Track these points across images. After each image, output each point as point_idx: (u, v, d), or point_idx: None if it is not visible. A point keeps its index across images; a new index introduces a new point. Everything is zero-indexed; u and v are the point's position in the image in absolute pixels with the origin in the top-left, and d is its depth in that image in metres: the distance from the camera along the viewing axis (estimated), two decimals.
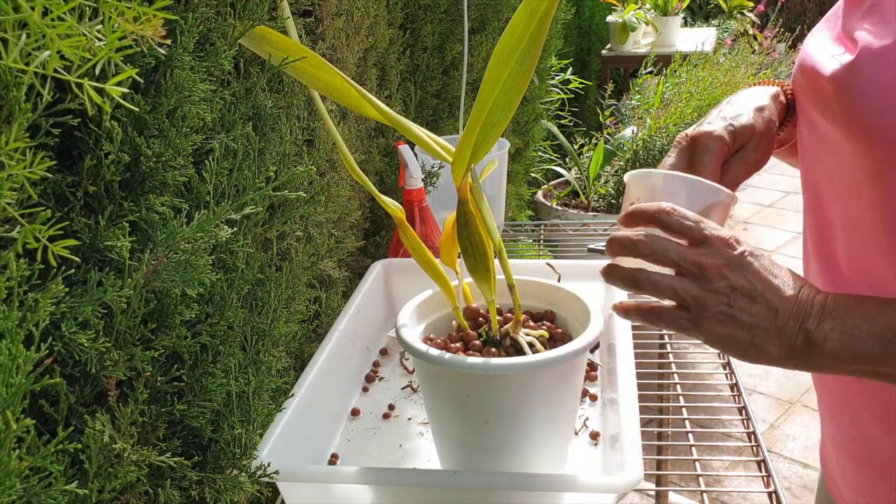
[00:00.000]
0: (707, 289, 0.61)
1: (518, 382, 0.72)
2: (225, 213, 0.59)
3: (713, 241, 0.62)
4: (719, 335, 0.61)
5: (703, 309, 0.61)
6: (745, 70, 2.67)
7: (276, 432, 0.77)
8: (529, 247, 1.83)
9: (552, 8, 0.59)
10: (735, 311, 0.61)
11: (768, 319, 0.60)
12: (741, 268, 0.61)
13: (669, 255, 0.62)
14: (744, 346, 0.61)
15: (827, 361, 0.60)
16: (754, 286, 0.61)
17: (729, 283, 0.61)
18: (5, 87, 0.40)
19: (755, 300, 0.61)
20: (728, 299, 0.61)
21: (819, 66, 0.66)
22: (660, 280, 0.63)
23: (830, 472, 0.81)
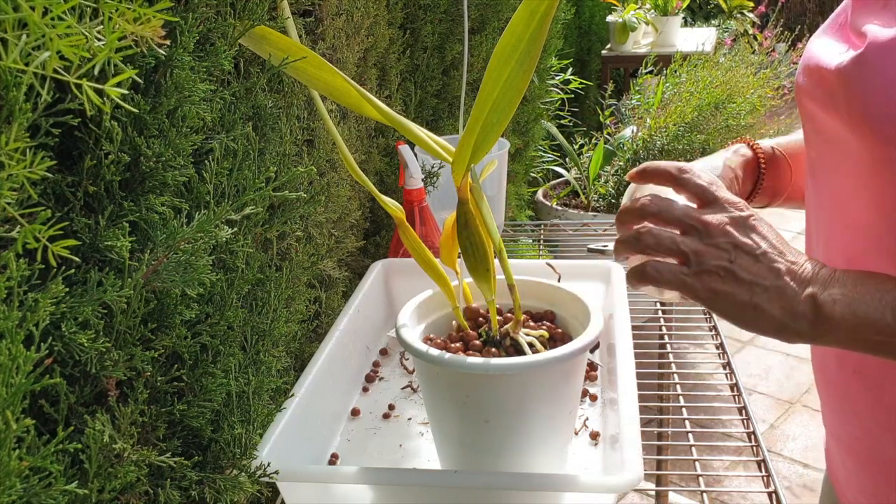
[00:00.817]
0: (709, 243, 0.60)
1: (518, 382, 0.72)
2: (225, 214, 0.59)
3: (722, 202, 0.62)
4: (718, 292, 0.60)
5: (703, 263, 0.60)
6: (745, 70, 2.67)
7: (276, 432, 0.77)
8: (529, 247, 1.83)
9: (552, 8, 0.59)
10: (735, 266, 0.60)
11: (769, 278, 0.59)
12: (746, 227, 0.61)
13: (675, 213, 0.62)
14: (742, 305, 0.60)
15: (832, 328, 0.58)
16: (758, 245, 0.60)
17: (731, 240, 0.60)
18: (5, 87, 0.40)
19: (757, 259, 0.60)
20: (729, 255, 0.60)
21: (824, 63, 0.66)
22: (661, 232, 0.62)
23: (834, 472, 0.81)
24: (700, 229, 0.61)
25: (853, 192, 0.66)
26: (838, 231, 0.69)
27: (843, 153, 0.66)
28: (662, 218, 0.63)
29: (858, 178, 0.64)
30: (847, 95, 0.62)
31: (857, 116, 0.62)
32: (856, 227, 0.66)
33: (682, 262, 0.62)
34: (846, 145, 0.65)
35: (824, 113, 0.67)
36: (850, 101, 0.62)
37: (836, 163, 0.68)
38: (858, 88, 0.61)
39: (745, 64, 2.72)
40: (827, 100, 0.66)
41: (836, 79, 0.64)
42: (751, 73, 2.66)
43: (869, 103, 0.60)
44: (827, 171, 0.70)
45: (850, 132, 0.63)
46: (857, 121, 0.62)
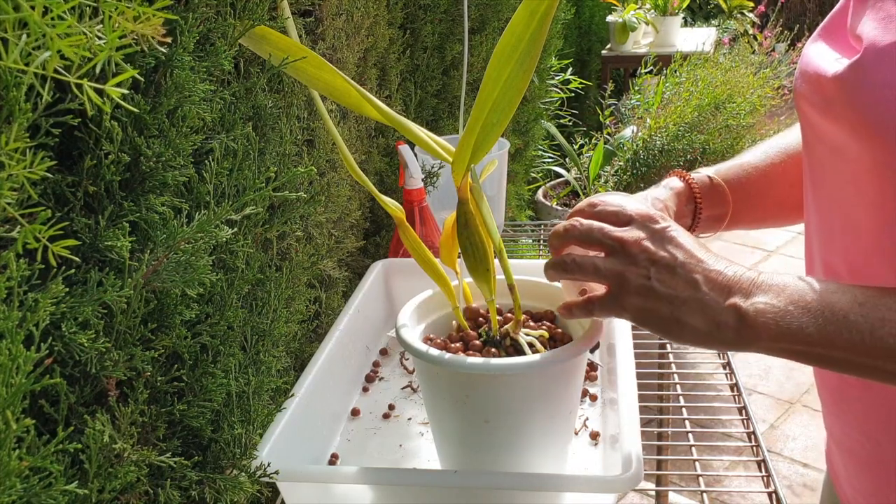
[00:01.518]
0: (627, 263, 0.61)
1: (518, 382, 0.72)
2: (225, 214, 0.60)
3: (636, 219, 0.62)
4: (641, 309, 0.60)
5: (625, 283, 0.61)
6: (745, 70, 2.67)
7: (276, 432, 0.77)
8: (529, 247, 1.83)
9: (552, 8, 0.59)
10: (654, 282, 0.59)
11: (688, 290, 0.59)
12: (663, 240, 0.61)
13: (594, 235, 0.63)
14: (666, 320, 0.60)
15: (758, 337, 0.57)
16: (675, 257, 0.60)
17: (648, 256, 0.60)
18: (5, 87, 0.40)
19: (675, 271, 0.59)
20: (647, 271, 0.60)
21: (821, 69, 0.66)
22: (583, 260, 0.64)
23: (835, 473, 0.81)
24: (617, 248, 0.62)
25: (854, 197, 0.65)
26: (839, 235, 0.69)
27: (844, 158, 0.65)
28: (584, 242, 0.64)
29: (859, 183, 0.64)
30: (846, 102, 0.62)
31: (856, 123, 0.61)
32: (857, 231, 0.66)
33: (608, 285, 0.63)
34: (846, 151, 0.64)
35: (823, 119, 0.67)
36: (849, 107, 0.62)
37: (836, 168, 0.67)
38: (857, 95, 0.61)
39: (745, 64, 2.72)
40: (825, 106, 0.66)
41: (834, 86, 0.63)
42: (751, 72, 2.66)
43: (868, 109, 0.60)
44: (827, 176, 0.70)
45: (849, 138, 0.63)
46: (856, 127, 0.61)
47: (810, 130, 0.71)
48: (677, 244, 0.61)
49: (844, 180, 0.67)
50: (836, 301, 0.56)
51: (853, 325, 0.55)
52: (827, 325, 0.56)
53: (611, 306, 0.63)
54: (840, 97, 0.63)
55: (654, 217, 0.62)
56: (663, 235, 0.61)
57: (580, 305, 0.67)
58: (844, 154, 0.65)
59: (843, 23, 0.68)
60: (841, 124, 0.64)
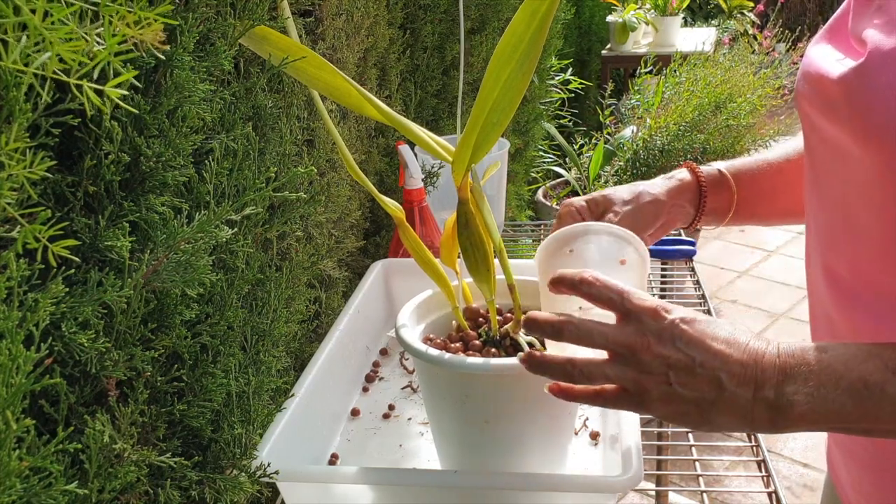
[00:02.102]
0: (642, 370, 0.57)
1: (518, 382, 0.72)
2: (225, 214, 0.60)
3: (639, 314, 0.58)
4: (670, 414, 0.58)
5: (645, 392, 0.57)
6: (744, 70, 2.67)
7: (276, 432, 0.77)
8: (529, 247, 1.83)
9: (553, 8, 0.59)
10: (676, 387, 0.56)
11: (713, 391, 0.56)
12: (673, 339, 0.56)
13: (596, 340, 0.58)
14: (697, 422, 0.57)
15: (797, 425, 0.56)
16: (691, 357, 0.56)
17: (663, 360, 0.56)
18: (5, 87, 0.40)
19: (694, 372, 0.56)
20: (666, 377, 0.56)
21: (824, 71, 0.66)
22: (593, 370, 0.59)
23: (836, 474, 0.81)
24: (626, 355, 0.58)
25: (857, 200, 0.65)
26: (841, 238, 0.69)
27: (846, 161, 0.65)
28: (584, 345, 0.60)
29: (864, 186, 0.64)
30: (850, 105, 0.61)
31: (860, 126, 0.61)
32: (860, 235, 0.66)
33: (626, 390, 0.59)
34: (850, 154, 0.64)
35: (826, 121, 0.67)
36: (853, 111, 0.61)
37: (839, 171, 0.67)
38: (861, 98, 0.60)
39: (744, 64, 2.72)
40: (829, 109, 0.66)
41: (837, 88, 0.63)
42: (751, 72, 2.66)
43: (872, 113, 0.59)
44: (830, 179, 0.69)
45: (853, 141, 0.63)
46: (860, 131, 0.61)
47: (812, 132, 0.71)
48: (688, 340, 0.56)
49: (846, 183, 0.66)
50: (868, 373, 0.54)
51: (892, 397, 0.53)
52: (864, 401, 0.53)
53: (634, 408, 0.59)
54: (843, 100, 0.62)
55: (657, 312, 0.58)
56: (672, 333, 0.57)
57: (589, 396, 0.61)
58: (847, 157, 0.65)
59: (845, 24, 0.67)
60: (844, 127, 0.63)
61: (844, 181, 0.67)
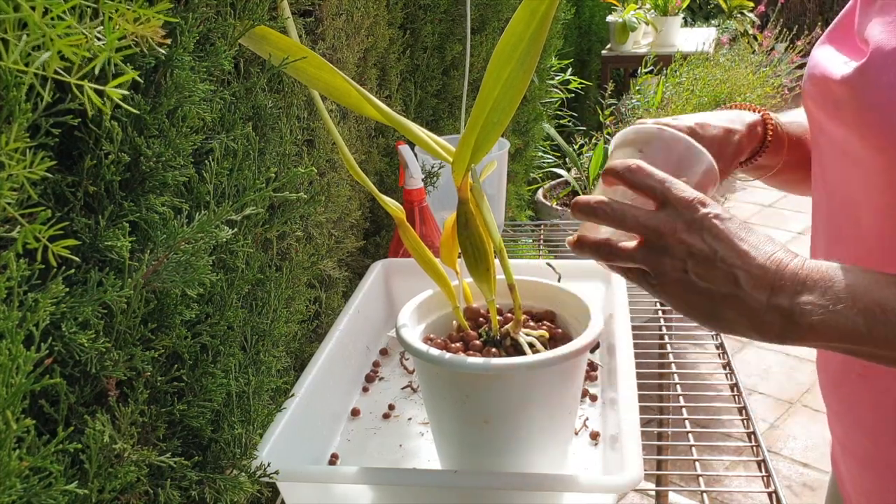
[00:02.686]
0: (664, 254, 0.58)
1: (518, 382, 0.72)
2: (225, 214, 0.59)
3: (675, 203, 0.59)
4: (680, 301, 0.59)
5: (663, 275, 0.58)
6: (744, 69, 2.67)
7: (276, 432, 0.77)
8: (529, 247, 1.83)
9: (552, 8, 0.59)
10: (692, 275, 0.57)
11: (727, 286, 0.56)
12: (701, 230, 0.58)
13: (627, 221, 0.60)
14: (705, 314, 0.58)
15: (804, 337, 0.56)
16: (714, 249, 0.57)
17: (686, 248, 0.58)
18: (5, 87, 0.40)
19: (714, 264, 0.57)
20: (684, 264, 0.57)
21: (829, 73, 0.66)
22: (620, 250, 0.61)
23: (840, 474, 0.81)
24: (652, 238, 0.59)
25: (864, 199, 0.65)
26: (847, 237, 0.69)
27: (853, 161, 0.65)
28: (617, 226, 0.61)
29: (870, 186, 0.64)
30: (853, 105, 0.61)
31: (864, 126, 0.61)
32: (867, 235, 0.66)
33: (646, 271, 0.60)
34: (855, 154, 0.64)
35: (833, 123, 0.67)
36: (856, 110, 0.61)
37: (846, 171, 0.67)
38: (864, 97, 0.60)
39: (744, 63, 2.72)
40: (834, 110, 0.65)
41: (841, 89, 0.63)
42: (751, 72, 2.67)
43: (875, 112, 0.59)
44: (837, 178, 0.69)
45: (857, 141, 0.63)
46: (864, 130, 0.61)
47: (820, 133, 0.71)
48: (716, 234, 0.57)
49: (855, 183, 0.66)
50: (886, 299, 0.54)
51: None
52: (878, 325, 0.54)
53: (649, 289, 0.61)
54: (848, 100, 0.62)
55: (692, 203, 0.59)
56: (703, 224, 0.58)
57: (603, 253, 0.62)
58: (853, 157, 0.65)
59: (850, 25, 0.67)
60: (849, 127, 0.63)
61: (852, 181, 0.67)
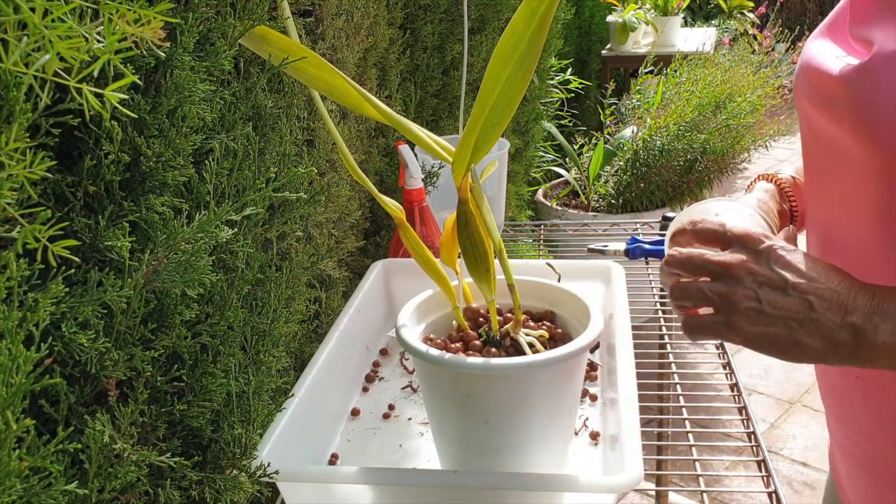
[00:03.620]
0: (733, 286, 0.58)
1: (518, 382, 0.72)
2: (225, 214, 0.60)
3: (739, 239, 0.60)
4: (755, 334, 0.58)
5: (733, 307, 0.58)
6: (745, 69, 2.67)
7: (276, 432, 0.77)
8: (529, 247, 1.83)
9: (552, 8, 0.59)
10: (765, 305, 0.57)
11: (803, 311, 0.57)
12: (769, 260, 0.58)
13: (695, 262, 0.61)
14: (784, 343, 0.58)
15: (880, 356, 0.56)
16: (784, 277, 0.57)
17: (755, 278, 0.58)
18: (5, 87, 0.40)
19: (786, 292, 0.57)
20: (756, 293, 0.57)
21: (825, 67, 0.65)
22: (687, 285, 0.61)
23: (838, 474, 0.81)
24: (721, 273, 0.59)
25: (858, 200, 0.65)
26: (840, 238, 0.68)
27: (846, 160, 0.65)
28: (687, 271, 0.62)
29: (864, 186, 0.63)
30: (851, 106, 0.61)
31: (860, 127, 0.60)
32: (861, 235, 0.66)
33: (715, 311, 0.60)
34: (848, 153, 0.64)
35: (825, 118, 0.66)
36: (854, 111, 0.61)
37: (837, 169, 0.67)
38: (864, 99, 0.60)
39: (744, 63, 2.72)
40: (828, 105, 0.65)
41: (839, 87, 0.62)
42: (751, 72, 2.66)
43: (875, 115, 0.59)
44: (826, 176, 0.69)
45: (853, 141, 0.62)
46: (860, 131, 0.61)
47: (809, 130, 0.71)
48: (785, 263, 0.58)
49: (844, 181, 0.66)
50: None
51: None
52: None
53: (720, 329, 0.60)
54: (844, 98, 0.62)
55: (756, 237, 0.59)
56: (769, 255, 0.58)
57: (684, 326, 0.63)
58: (845, 155, 0.64)
59: (846, 21, 0.67)
60: (843, 125, 0.63)
61: (844, 181, 0.66)
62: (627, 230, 1.66)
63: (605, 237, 1.64)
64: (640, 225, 1.66)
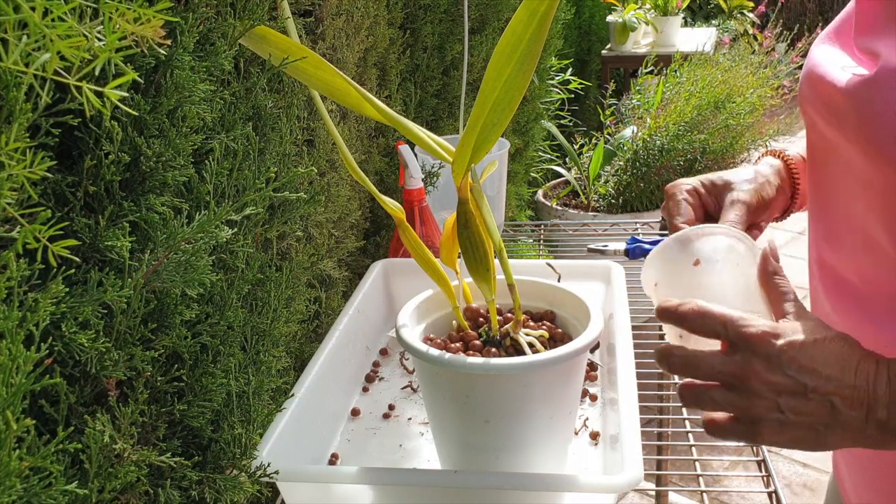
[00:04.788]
0: (752, 396, 0.56)
1: (518, 382, 0.72)
2: (225, 214, 0.59)
3: (748, 341, 0.56)
4: (783, 441, 0.57)
5: (756, 419, 0.56)
6: (744, 70, 2.67)
7: (276, 432, 0.77)
8: (529, 247, 1.83)
9: (552, 8, 0.59)
10: (788, 414, 0.55)
11: (827, 414, 0.55)
12: (782, 366, 0.55)
13: (702, 371, 0.58)
14: (812, 444, 0.57)
15: None
16: (802, 383, 0.55)
17: (773, 387, 0.55)
18: (5, 87, 0.40)
19: (806, 397, 0.55)
20: (776, 404, 0.55)
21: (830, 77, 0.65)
22: (699, 395, 0.59)
23: (840, 474, 0.81)
24: (735, 384, 0.56)
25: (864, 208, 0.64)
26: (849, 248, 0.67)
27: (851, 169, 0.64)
28: (691, 376, 0.59)
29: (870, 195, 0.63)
30: (856, 119, 0.61)
31: (865, 140, 0.60)
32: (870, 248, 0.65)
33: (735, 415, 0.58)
34: (853, 162, 0.63)
35: (829, 127, 0.65)
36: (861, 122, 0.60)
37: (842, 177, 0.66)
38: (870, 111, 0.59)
39: (744, 64, 2.72)
40: (832, 115, 0.65)
41: (844, 100, 0.62)
42: (750, 72, 2.66)
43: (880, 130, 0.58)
44: (831, 183, 0.69)
45: (858, 151, 0.62)
46: (865, 144, 0.60)
47: (813, 132, 0.71)
48: (799, 366, 0.55)
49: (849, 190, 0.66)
50: None
51: None
52: None
53: (746, 437, 0.59)
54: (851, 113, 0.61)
55: (765, 338, 0.56)
56: (781, 359, 0.55)
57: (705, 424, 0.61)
58: (851, 165, 0.64)
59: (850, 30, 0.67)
60: (849, 136, 0.63)
61: (847, 188, 0.66)
62: (627, 230, 1.67)
63: (605, 237, 1.64)
64: (640, 225, 1.66)
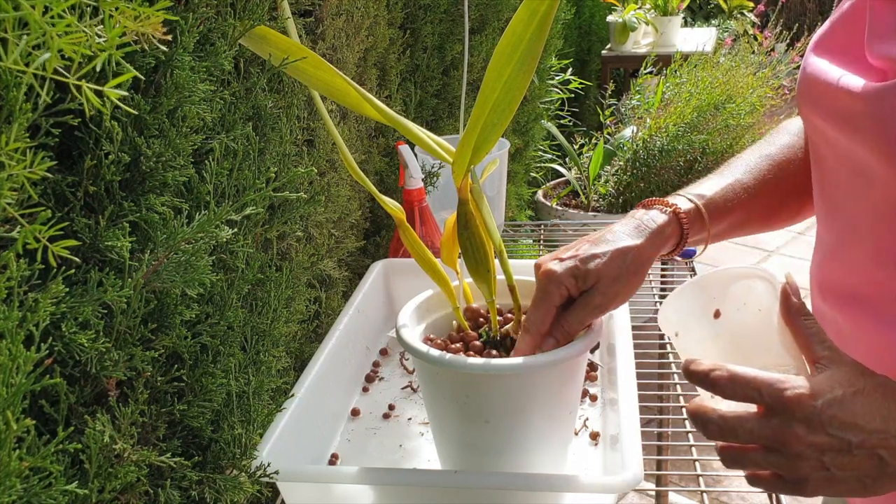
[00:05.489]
0: (795, 458, 0.55)
1: (518, 382, 0.72)
2: (225, 214, 0.59)
3: (785, 405, 0.55)
4: (832, 493, 0.57)
5: (802, 479, 0.56)
6: (744, 70, 2.67)
7: (276, 432, 0.77)
8: (529, 247, 1.83)
9: (553, 8, 0.59)
10: (834, 471, 0.55)
11: (874, 468, 0.55)
12: (824, 426, 0.54)
13: (741, 437, 0.57)
14: (860, 494, 0.56)
15: None
16: (846, 440, 0.54)
17: (817, 448, 0.55)
18: (5, 87, 0.39)
19: (851, 453, 0.54)
20: (821, 462, 0.55)
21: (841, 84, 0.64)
22: (742, 459, 0.58)
23: None
24: (777, 447, 0.56)
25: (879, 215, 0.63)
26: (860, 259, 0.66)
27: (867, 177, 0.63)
28: (730, 441, 0.58)
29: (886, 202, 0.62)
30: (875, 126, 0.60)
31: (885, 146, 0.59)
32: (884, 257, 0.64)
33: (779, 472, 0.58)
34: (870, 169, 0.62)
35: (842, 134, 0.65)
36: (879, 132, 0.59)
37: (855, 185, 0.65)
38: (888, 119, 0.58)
39: (744, 64, 2.72)
40: (846, 123, 0.64)
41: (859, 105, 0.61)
42: (750, 72, 2.66)
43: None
44: (842, 191, 0.67)
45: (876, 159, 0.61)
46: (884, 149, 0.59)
47: (818, 137, 0.70)
48: (841, 423, 0.54)
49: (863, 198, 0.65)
50: None
51: None
52: None
53: (791, 493, 0.58)
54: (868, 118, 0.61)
55: (802, 401, 0.55)
56: (821, 420, 0.54)
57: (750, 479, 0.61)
58: (866, 172, 0.63)
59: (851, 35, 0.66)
60: (866, 143, 0.62)
61: (860, 196, 0.65)
62: None
63: None
64: None
